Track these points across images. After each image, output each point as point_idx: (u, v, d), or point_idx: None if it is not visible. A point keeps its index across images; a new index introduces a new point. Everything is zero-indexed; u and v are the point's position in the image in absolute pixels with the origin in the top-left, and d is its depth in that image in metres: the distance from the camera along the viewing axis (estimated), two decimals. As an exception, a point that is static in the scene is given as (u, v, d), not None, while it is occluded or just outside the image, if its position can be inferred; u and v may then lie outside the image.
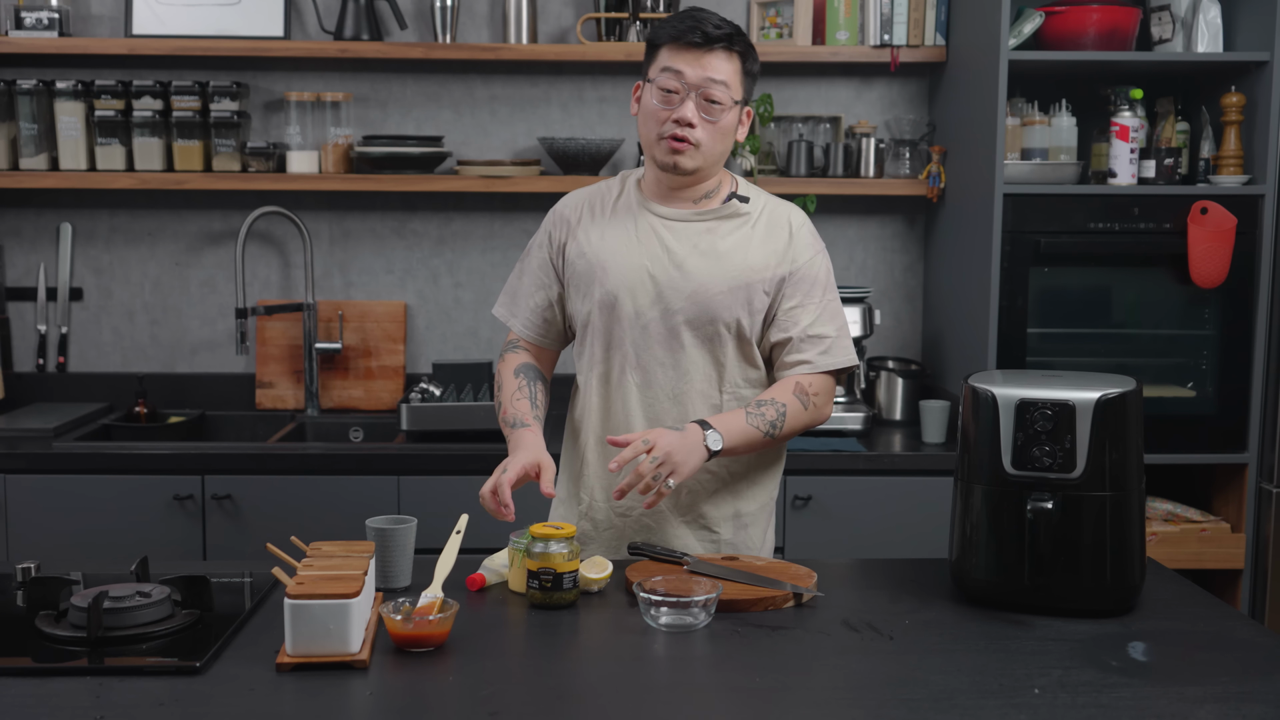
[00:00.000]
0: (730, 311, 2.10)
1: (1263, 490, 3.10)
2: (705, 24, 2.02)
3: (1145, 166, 3.11)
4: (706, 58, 2.02)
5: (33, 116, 3.40)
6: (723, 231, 2.13)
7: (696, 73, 2.02)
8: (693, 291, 2.09)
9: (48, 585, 1.79)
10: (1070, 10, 3.12)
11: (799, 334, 2.12)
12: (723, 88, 2.03)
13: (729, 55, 2.04)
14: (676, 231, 2.12)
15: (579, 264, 2.15)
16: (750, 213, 2.15)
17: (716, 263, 2.10)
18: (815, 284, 2.14)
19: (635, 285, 2.10)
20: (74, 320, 3.61)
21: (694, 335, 2.11)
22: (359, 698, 1.53)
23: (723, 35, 2.02)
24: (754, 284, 2.11)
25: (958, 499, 1.91)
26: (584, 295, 2.15)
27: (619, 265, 2.11)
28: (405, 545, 1.94)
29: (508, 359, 2.24)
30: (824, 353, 2.13)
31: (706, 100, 2.03)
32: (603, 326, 2.14)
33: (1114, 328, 3.21)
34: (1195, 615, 1.86)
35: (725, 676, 1.61)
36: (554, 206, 2.24)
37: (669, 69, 2.03)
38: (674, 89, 2.03)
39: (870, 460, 3.05)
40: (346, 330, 3.56)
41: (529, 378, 2.20)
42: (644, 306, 2.10)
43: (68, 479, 2.99)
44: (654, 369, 2.12)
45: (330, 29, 3.47)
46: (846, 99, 3.61)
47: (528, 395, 2.17)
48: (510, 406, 2.15)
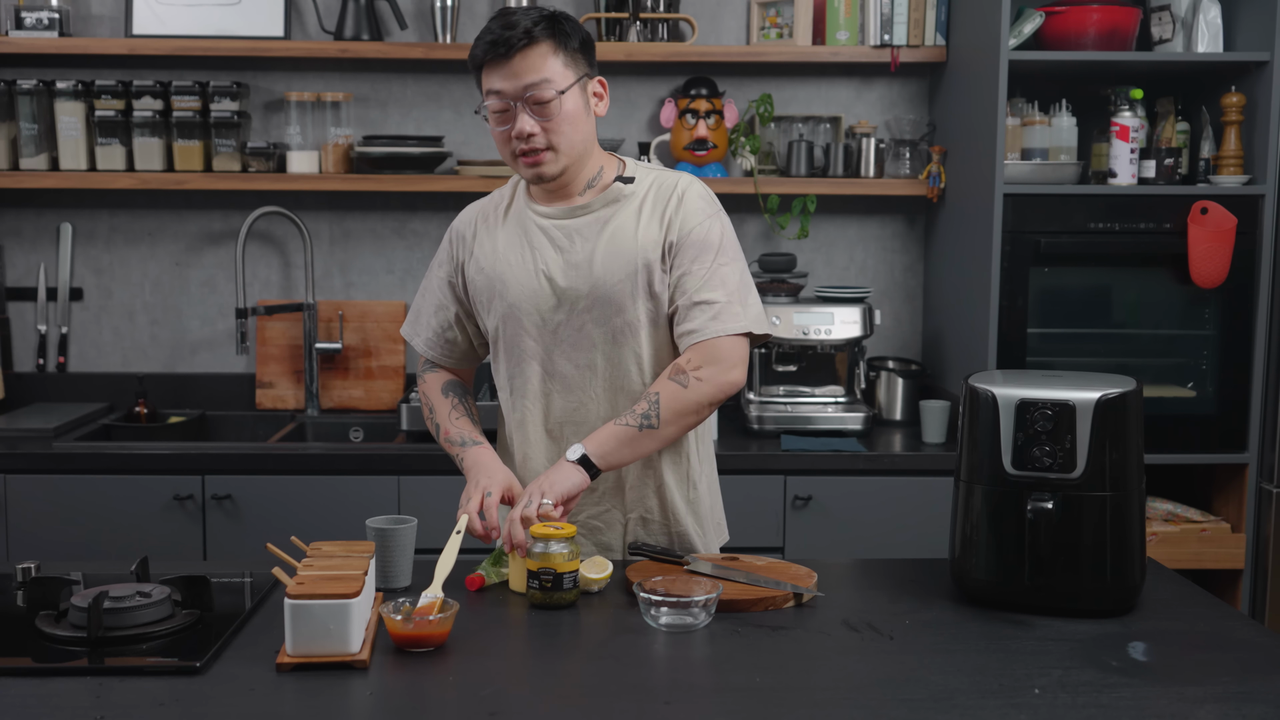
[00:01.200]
0: (634, 298, 2.03)
1: (1263, 490, 3.10)
2: (500, 31, 1.95)
3: (1145, 166, 3.11)
4: (514, 65, 1.95)
5: (33, 116, 3.40)
6: (610, 217, 2.05)
7: (512, 84, 1.96)
8: (592, 286, 2.03)
9: (48, 585, 1.79)
10: (1070, 10, 3.12)
11: (685, 301, 2.02)
12: (544, 84, 1.95)
13: (535, 49, 1.95)
14: (566, 230, 2.06)
15: (478, 280, 2.11)
16: (636, 192, 2.06)
17: (608, 251, 2.03)
18: (705, 248, 2.02)
19: (536, 292, 2.05)
20: (74, 320, 3.61)
21: (604, 331, 2.05)
22: (359, 698, 1.53)
23: (518, 36, 1.94)
24: (651, 263, 2.02)
25: (958, 499, 1.91)
26: (488, 311, 2.11)
27: (516, 276, 2.06)
28: (405, 545, 1.94)
29: (429, 379, 2.21)
30: (713, 318, 2.01)
31: (535, 104, 1.96)
32: (512, 340, 2.09)
33: (1114, 328, 3.21)
34: (1195, 615, 1.86)
35: (725, 676, 1.61)
36: (452, 223, 2.21)
37: (490, 90, 1.98)
38: (502, 108, 1.98)
39: (870, 460, 3.05)
40: (347, 330, 3.56)
41: (458, 394, 2.18)
42: (548, 312, 2.05)
43: (68, 479, 2.99)
44: (571, 374, 2.07)
45: (330, 29, 3.47)
46: (847, 99, 3.61)
47: (465, 412, 2.15)
48: (451, 425, 2.12)
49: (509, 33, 1.94)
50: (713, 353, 2.01)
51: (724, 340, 2.01)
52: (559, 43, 1.98)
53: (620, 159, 2.14)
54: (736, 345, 2.03)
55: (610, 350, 2.06)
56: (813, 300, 3.32)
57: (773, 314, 3.19)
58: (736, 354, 2.03)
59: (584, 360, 2.07)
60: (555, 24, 1.98)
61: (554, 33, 1.98)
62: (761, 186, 3.42)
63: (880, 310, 3.34)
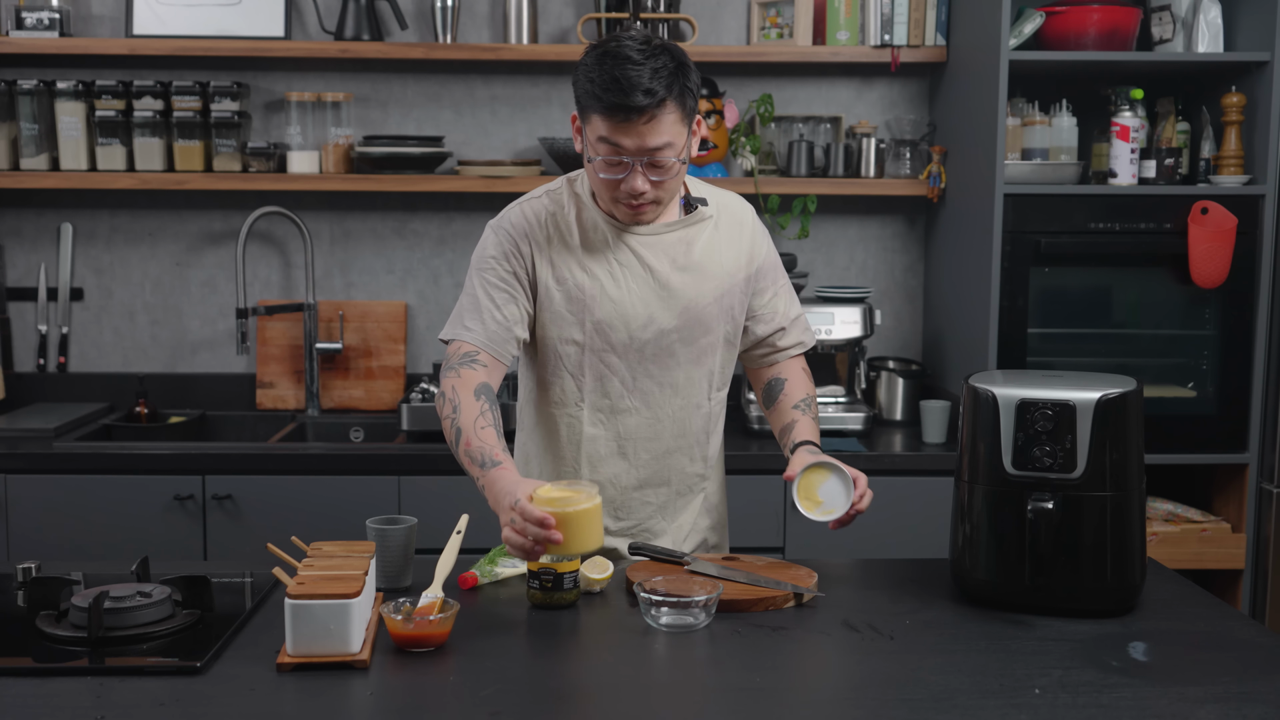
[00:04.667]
0: (720, 320, 2.10)
1: (1263, 490, 3.10)
2: (633, 92, 1.84)
3: (1146, 166, 3.11)
4: (641, 127, 1.87)
5: (33, 116, 3.40)
6: (693, 240, 2.07)
7: (635, 143, 1.89)
8: (683, 308, 2.05)
9: (48, 585, 1.79)
10: (1071, 10, 3.12)
11: (787, 321, 2.19)
12: (667, 149, 1.90)
13: (663, 112, 1.87)
14: (653, 248, 2.04)
15: (557, 293, 2.02)
16: (712, 215, 2.10)
17: (698, 275, 2.06)
18: (777, 269, 2.19)
19: (628, 311, 2.03)
20: (74, 320, 3.61)
21: (688, 350, 2.08)
22: (359, 698, 1.53)
23: (651, 102, 1.85)
24: (732, 288, 2.10)
25: (958, 499, 1.91)
26: (568, 324, 2.04)
27: (607, 293, 2.02)
28: (406, 545, 1.94)
29: (464, 374, 1.96)
30: (805, 330, 2.23)
31: (653, 165, 1.92)
32: (594, 356, 2.05)
33: (1114, 328, 3.21)
34: (1196, 615, 1.86)
35: (725, 676, 1.61)
36: (502, 222, 2.06)
37: (606, 140, 1.90)
38: (616, 160, 1.91)
39: (871, 460, 3.05)
40: (347, 330, 3.56)
41: (490, 400, 1.94)
42: (637, 330, 2.04)
43: (68, 479, 2.99)
44: (651, 390, 2.08)
45: (331, 29, 3.47)
46: (847, 99, 3.61)
47: (492, 422, 1.91)
48: (475, 436, 1.87)
49: (644, 99, 1.85)
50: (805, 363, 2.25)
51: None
52: (684, 104, 1.91)
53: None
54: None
55: (690, 369, 2.10)
56: (813, 300, 3.32)
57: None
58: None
59: (667, 379, 2.08)
60: (683, 84, 1.90)
61: (682, 93, 1.90)
62: (762, 186, 3.42)
63: (881, 310, 3.34)
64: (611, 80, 1.86)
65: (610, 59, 1.87)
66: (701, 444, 2.15)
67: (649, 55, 1.87)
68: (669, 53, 1.90)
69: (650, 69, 1.86)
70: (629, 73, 1.85)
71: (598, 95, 1.88)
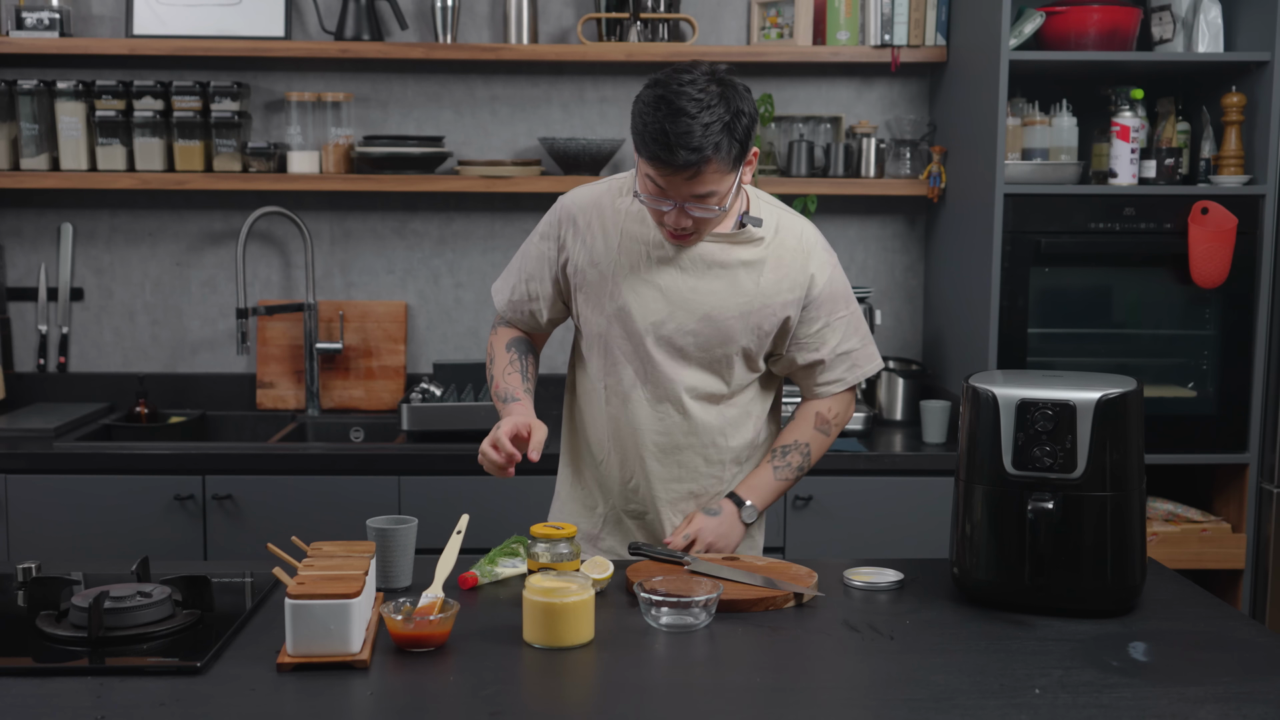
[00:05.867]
0: (741, 336, 2.09)
1: (1263, 490, 3.10)
2: (677, 150, 1.85)
3: (1146, 166, 3.11)
4: (684, 180, 1.90)
5: (34, 117, 3.40)
6: (737, 254, 2.07)
7: (677, 190, 1.92)
8: (705, 314, 2.07)
9: (49, 585, 1.79)
10: (1071, 10, 3.12)
11: (829, 355, 2.14)
12: (710, 197, 1.93)
13: (707, 168, 1.89)
14: (688, 253, 2.06)
15: (590, 273, 2.10)
16: (764, 236, 2.09)
17: (730, 287, 2.07)
18: (837, 300, 2.13)
19: (648, 300, 2.07)
20: (75, 320, 3.61)
21: (702, 355, 2.10)
22: (360, 698, 1.53)
23: (696, 159, 1.86)
24: (766, 310, 2.08)
25: (958, 499, 1.91)
26: (595, 305, 2.11)
27: (632, 279, 2.07)
28: (406, 545, 1.94)
29: (500, 332, 2.24)
30: (852, 367, 2.17)
31: (696, 206, 1.94)
32: (614, 339, 2.11)
33: (1115, 328, 3.21)
34: (1196, 615, 1.86)
35: (725, 676, 1.61)
36: (562, 200, 2.16)
37: (650, 177, 1.93)
38: (660, 195, 1.95)
39: (871, 460, 3.05)
40: (347, 330, 3.56)
41: (520, 351, 2.20)
42: (656, 322, 2.07)
43: (68, 479, 2.99)
44: (662, 383, 2.10)
45: (331, 29, 3.47)
46: (847, 99, 3.61)
47: (519, 369, 2.16)
48: (502, 381, 2.15)
49: (685, 155, 1.86)
50: (848, 398, 2.21)
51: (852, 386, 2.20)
52: (731, 154, 1.91)
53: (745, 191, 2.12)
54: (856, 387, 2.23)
55: (702, 374, 2.11)
56: (813, 300, 3.31)
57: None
58: (855, 395, 2.25)
59: (678, 378, 2.10)
60: (732, 135, 1.89)
61: (729, 147, 1.90)
62: (762, 186, 3.42)
63: (881, 310, 3.34)
64: (660, 132, 1.87)
65: (665, 106, 1.87)
66: (719, 446, 2.15)
67: (704, 107, 1.86)
68: (725, 102, 1.88)
69: (701, 124, 1.85)
70: (679, 127, 1.85)
71: (645, 143, 1.90)
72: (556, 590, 1.67)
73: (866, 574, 1.98)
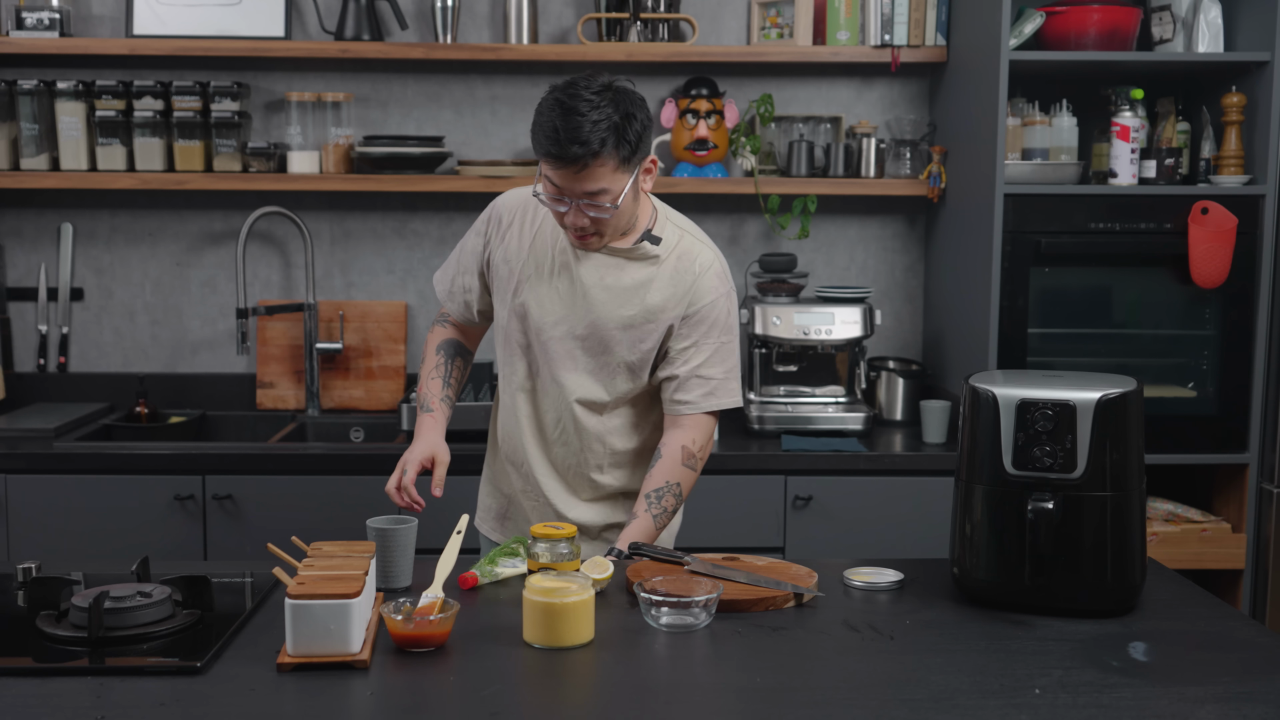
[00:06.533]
0: (622, 347, 2.17)
1: (1263, 490, 3.10)
2: (568, 145, 1.94)
3: (1146, 166, 3.11)
4: (575, 174, 1.98)
5: (34, 117, 3.40)
6: (631, 269, 2.15)
7: (571, 186, 2.00)
8: (592, 322, 2.15)
9: (49, 585, 1.79)
10: (1071, 10, 3.12)
11: (686, 373, 2.17)
12: (601, 194, 2.00)
13: (596, 164, 1.97)
14: (588, 262, 2.16)
15: (502, 270, 2.22)
16: (660, 255, 2.16)
17: (618, 299, 2.15)
18: (714, 326, 2.17)
19: (544, 301, 2.17)
20: (75, 320, 3.61)
21: (589, 361, 2.18)
22: (360, 698, 1.53)
23: (584, 153, 1.94)
24: (648, 326, 2.15)
25: (958, 499, 1.91)
26: (501, 300, 2.23)
27: (535, 280, 2.17)
28: (406, 545, 1.94)
29: (436, 331, 2.36)
30: (708, 394, 2.18)
31: (590, 205, 2.02)
32: (513, 334, 2.22)
33: (1115, 328, 3.21)
34: (1196, 615, 1.86)
35: (725, 676, 1.61)
36: (498, 198, 2.27)
37: (548, 177, 2.02)
38: (557, 196, 2.03)
39: (871, 460, 3.05)
40: (347, 330, 3.56)
41: (447, 354, 2.32)
42: (547, 325, 2.17)
43: (69, 479, 2.99)
44: (551, 383, 2.20)
45: (331, 29, 3.47)
46: (847, 99, 3.61)
47: (442, 375, 2.29)
48: (425, 385, 2.29)
49: (574, 149, 1.94)
50: (705, 427, 2.20)
51: (714, 415, 2.21)
52: (620, 153, 1.99)
53: (655, 207, 2.20)
54: (717, 417, 2.24)
55: (587, 378, 2.19)
56: (813, 300, 3.32)
57: (773, 314, 3.21)
58: (715, 425, 2.24)
59: (567, 379, 2.19)
60: (621, 135, 1.97)
61: (618, 145, 1.97)
62: (762, 186, 3.42)
63: (881, 310, 3.34)
64: (552, 129, 1.96)
65: (558, 107, 1.96)
66: (606, 450, 2.23)
67: (594, 107, 1.95)
68: (616, 105, 1.97)
69: (590, 121, 1.94)
70: (570, 123, 1.94)
71: (539, 140, 1.99)
72: (556, 590, 1.68)
73: (866, 574, 1.99)
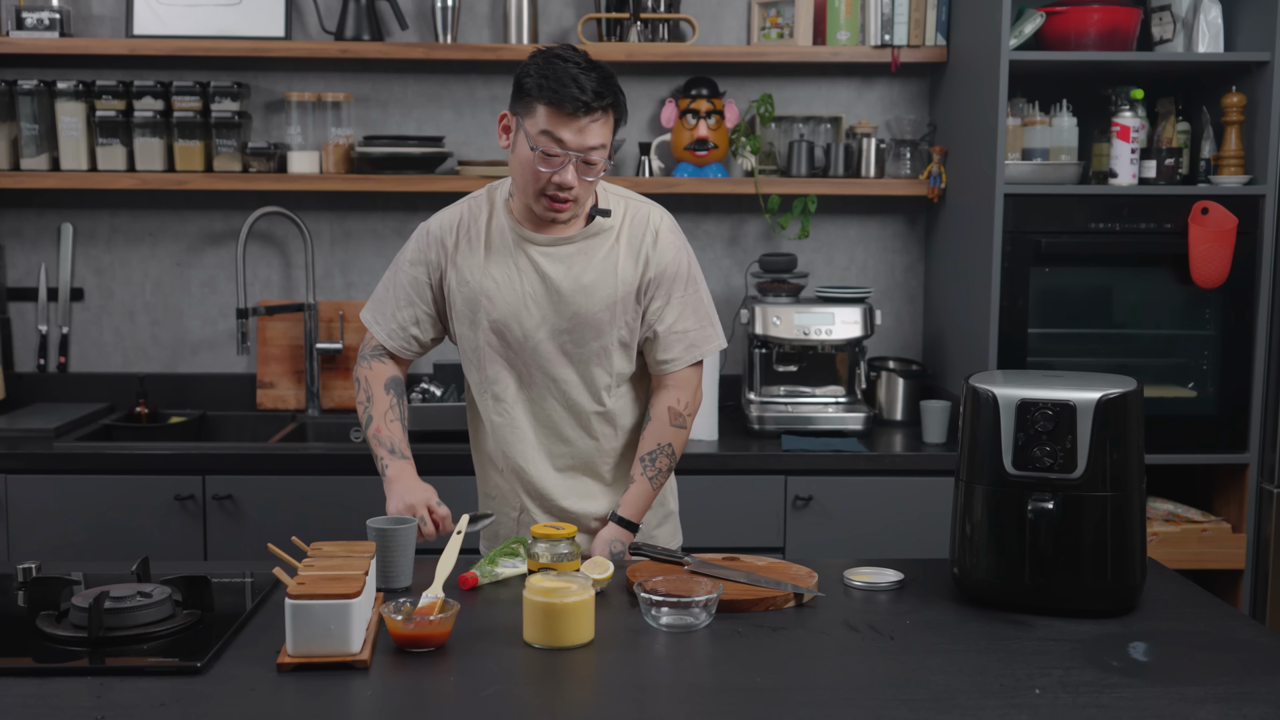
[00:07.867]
0: (612, 327, 2.19)
1: (1263, 490, 3.10)
2: (584, 90, 2.00)
3: (1146, 167, 3.11)
4: (586, 125, 2.03)
5: (34, 117, 3.40)
6: (592, 251, 2.18)
7: (577, 140, 2.03)
8: (575, 313, 2.17)
9: (49, 585, 1.79)
10: (1071, 10, 3.12)
11: (664, 330, 2.22)
12: (601, 149, 2.06)
13: (606, 118, 2.06)
14: (552, 257, 2.17)
15: (462, 292, 2.20)
16: (613, 225, 2.19)
17: (592, 281, 2.17)
18: (677, 278, 2.22)
19: (520, 311, 2.17)
20: (75, 320, 3.61)
21: (580, 352, 2.20)
22: (360, 698, 1.53)
23: (601, 105, 2.03)
24: (627, 296, 2.18)
25: (958, 499, 1.91)
26: (469, 322, 2.21)
27: (503, 295, 2.18)
28: (406, 545, 1.94)
29: (375, 367, 2.28)
30: (689, 347, 2.23)
31: (586, 163, 2.06)
32: (495, 352, 2.21)
33: (1115, 328, 3.21)
34: (1196, 615, 1.86)
35: (725, 676, 1.61)
36: (425, 225, 2.26)
37: (549, 134, 2.03)
38: (555, 154, 2.04)
39: (871, 460, 3.05)
40: (347, 330, 3.56)
41: (397, 394, 2.27)
42: (531, 330, 2.18)
43: (69, 479, 2.99)
44: (546, 385, 2.21)
45: (331, 29, 3.47)
46: (847, 99, 3.61)
47: (399, 416, 2.25)
48: (385, 426, 2.22)
49: (595, 100, 2.01)
50: (690, 383, 2.25)
51: (696, 365, 2.26)
52: (618, 116, 2.10)
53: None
54: (700, 368, 2.28)
55: (582, 369, 2.21)
56: (813, 300, 3.32)
57: (773, 314, 3.21)
58: (700, 376, 2.29)
59: (560, 376, 2.21)
60: (618, 98, 2.08)
61: (618, 105, 2.08)
62: (762, 186, 3.42)
63: (881, 310, 3.34)
64: (568, 78, 2.01)
65: (561, 61, 2.03)
66: (608, 437, 2.26)
67: (592, 67, 2.04)
68: (605, 69, 2.07)
69: (597, 77, 2.03)
70: (579, 76, 2.01)
71: (553, 89, 2.01)
72: (556, 590, 1.68)
73: (866, 574, 1.99)
